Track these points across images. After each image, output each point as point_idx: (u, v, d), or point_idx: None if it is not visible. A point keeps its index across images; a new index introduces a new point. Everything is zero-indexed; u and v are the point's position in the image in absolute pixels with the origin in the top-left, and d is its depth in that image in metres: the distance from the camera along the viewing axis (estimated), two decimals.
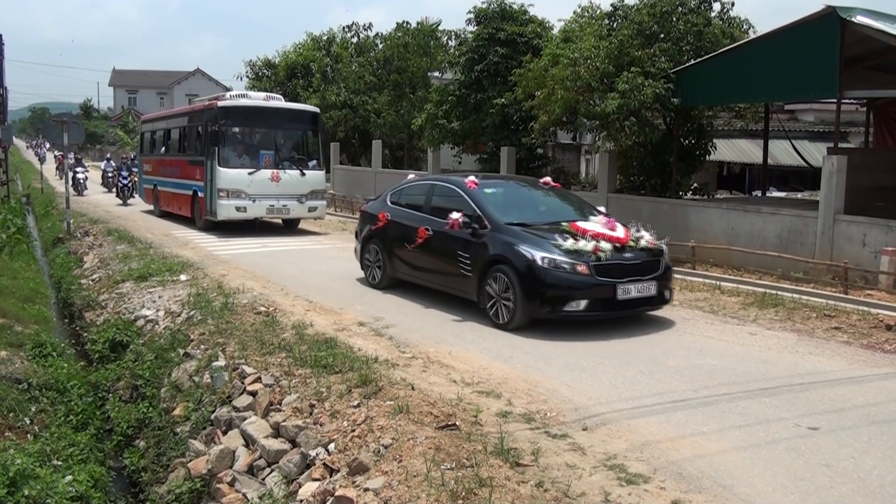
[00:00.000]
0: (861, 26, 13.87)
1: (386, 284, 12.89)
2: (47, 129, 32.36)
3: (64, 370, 10.89)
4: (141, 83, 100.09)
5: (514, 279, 10.01)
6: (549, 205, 12.03)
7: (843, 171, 14.19)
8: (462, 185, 11.75)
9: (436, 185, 12.54)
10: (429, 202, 12.23)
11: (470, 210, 11.12)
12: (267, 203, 20.41)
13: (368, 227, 13.30)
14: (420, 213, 12.17)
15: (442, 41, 33.37)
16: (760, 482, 5.52)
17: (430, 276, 11.99)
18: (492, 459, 5.79)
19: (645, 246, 10.59)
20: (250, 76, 38.58)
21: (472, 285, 10.79)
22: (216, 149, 20.00)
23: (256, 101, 21.83)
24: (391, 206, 13.00)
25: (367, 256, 13.38)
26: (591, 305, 9.90)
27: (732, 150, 28.71)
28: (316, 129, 22.03)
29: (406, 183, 13.38)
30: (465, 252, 10.87)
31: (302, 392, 7.88)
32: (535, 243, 10.14)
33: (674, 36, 18.22)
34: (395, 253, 12.55)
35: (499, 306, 10.29)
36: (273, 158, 20.69)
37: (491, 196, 11.56)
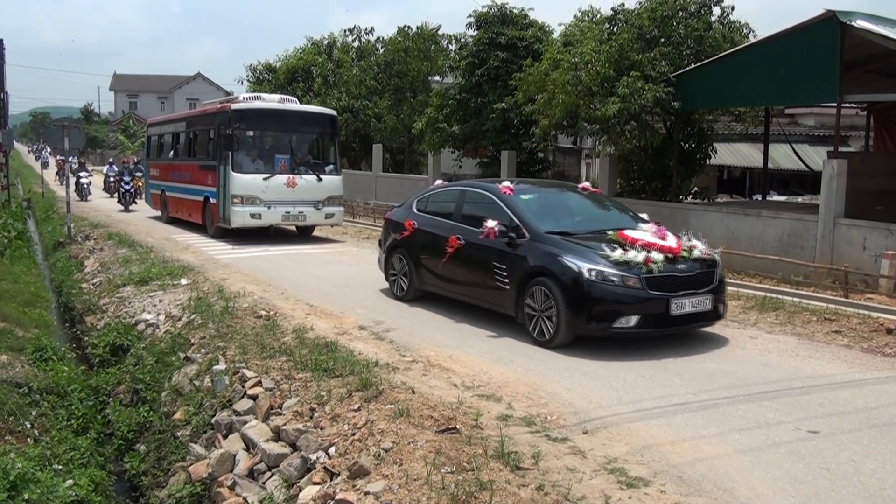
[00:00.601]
0: (861, 30, 13.88)
1: (413, 297, 12.20)
2: (48, 134, 32.41)
3: (64, 374, 10.90)
4: (142, 87, 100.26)
5: (558, 293, 9.24)
6: (590, 212, 11.34)
7: (843, 174, 14.20)
8: (496, 191, 11.02)
9: (466, 191, 11.84)
10: (459, 210, 11.50)
11: (506, 218, 10.38)
12: (282, 210, 19.60)
13: (393, 236, 12.59)
14: (449, 222, 11.46)
15: (442, 45, 33.38)
16: (761, 485, 5.52)
17: (461, 288, 11.24)
18: (492, 463, 5.79)
19: (698, 256, 9.79)
20: (251, 80, 38.58)
21: (509, 299, 10.04)
22: (230, 153, 19.19)
23: (271, 104, 21.07)
24: (418, 213, 12.32)
25: (392, 267, 12.64)
26: (643, 322, 9.09)
27: (733, 153, 28.72)
28: (333, 133, 21.39)
29: (433, 189, 12.84)
30: (501, 263, 10.12)
31: (302, 396, 7.88)
32: (581, 254, 9.37)
33: (674, 40, 18.25)
34: (423, 263, 11.87)
35: (540, 322, 9.52)
36: (289, 163, 19.90)
37: (528, 203, 10.79)
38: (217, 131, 20.25)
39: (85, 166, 39.39)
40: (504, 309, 10.27)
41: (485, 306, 10.82)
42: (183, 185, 23.20)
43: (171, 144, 25.50)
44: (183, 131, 24.39)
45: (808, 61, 14.78)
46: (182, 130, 24.50)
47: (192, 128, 23.36)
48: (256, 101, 20.90)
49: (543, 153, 26.12)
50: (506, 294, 10.08)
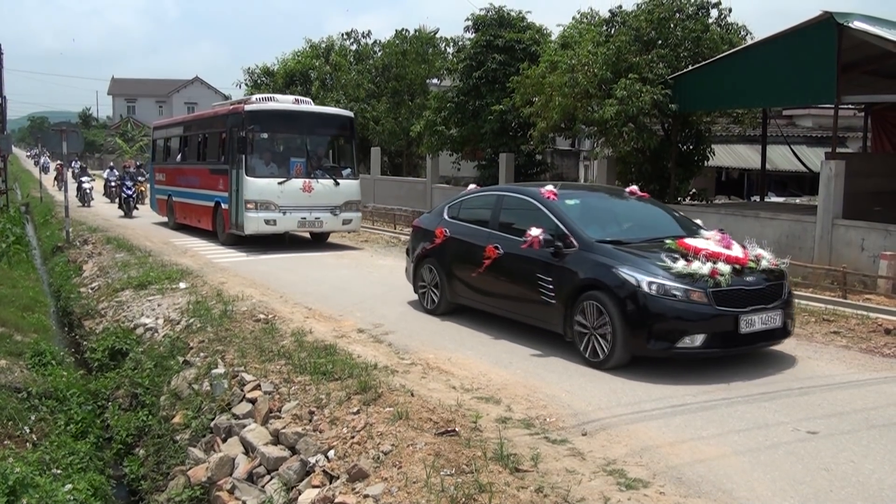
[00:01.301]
0: (858, 31, 13.90)
1: (444, 310, 11.38)
2: (46, 138, 32.39)
3: (63, 379, 10.90)
4: (140, 91, 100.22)
5: (613, 309, 8.38)
6: (640, 218, 10.46)
7: (841, 175, 14.21)
8: (538, 196, 10.04)
9: (504, 196, 10.93)
10: (496, 216, 10.60)
11: (551, 225, 9.45)
12: (298, 215, 18.70)
13: (422, 245, 11.76)
14: (486, 230, 10.57)
15: (440, 48, 33.44)
16: (760, 486, 5.52)
17: (500, 302, 10.35)
18: (491, 465, 5.79)
19: (766, 267, 8.94)
20: (248, 84, 38.58)
21: (555, 315, 9.17)
22: (243, 156, 18.31)
23: (286, 105, 20.17)
24: (449, 220, 11.48)
25: (421, 278, 11.80)
26: (709, 341, 8.22)
27: (731, 155, 28.75)
28: (350, 135, 20.42)
29: (466, 194, 11.85)
30: (546, 275, 9.24)
31: (301, 399, 7.88)
32: (638, 265, 8.50)
33: (672, 42, 18.28)
34: (456, 275, 11.03)
35: (592, 341, 8.65)
36: (304, 167, 19.00)
37: (574, 209, 9.90)
38: (229, 133, 19.40)
39: (87, 171, 38.58)
40: (550, 325, 9.39)
41: (527, 322, 9.94)
42: (192, 189, 22.33)
43: (178, 148, 24.64)
44: (192, 134, 23.59)
45: (806, 63, 14.81)
46: (191, 133, 23.69)
47: (202, 130, 22.56)
48: (270, 103, 20.10)
49: (541, 155, 26.16)
50: (552, 309, 9.21)
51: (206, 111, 24.76)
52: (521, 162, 24.11)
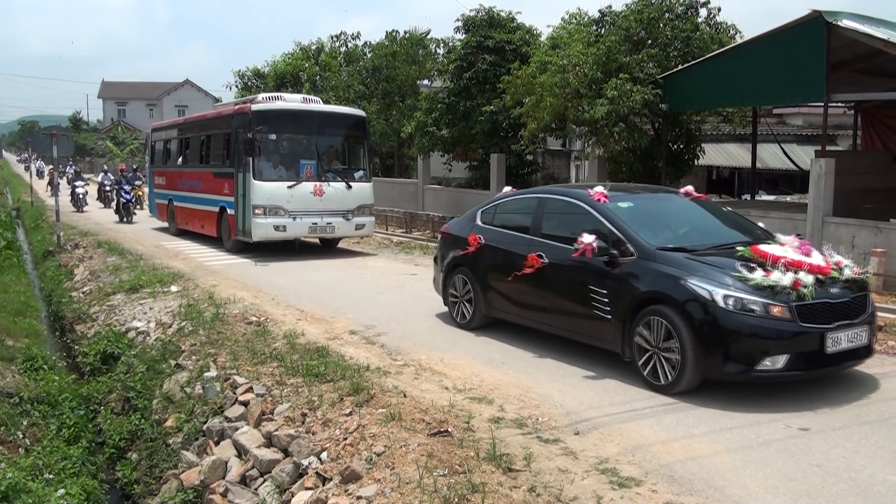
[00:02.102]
0: (847, 30, 13.96)
1: (478, 324, 10.48)
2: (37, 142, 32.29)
3: (55, 383, 10.87)
4: (130, 95, 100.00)
5: (682, 326, 7.45)
6: (701, 222, 9.50)
7: (831, 173, 14.26)
8: (587, 198, 9.09)
9: (546, 199, 9.94)
10: (538, 222, 9.69)
11: (604, 231, 8.52)
12: (309, 221, 17.80)
13: (453, 253, 10.86)
14: (526, 236, 9.68)
15: (430, 49, 33.46)
16: (752, 483, 5.54)
17: (544, 316, 9.41)
18: (484, 465, 5.80)
19: (849, 276, 7.98)
20: (239, 87, 38.55)
21: (611, 332, 8.26)
22: (250, 159, 17.40)
23: (295, 104, 19.25)
24: (484, 226, 10.57)
25: (452, 289, 10.89)
26: (793, 362, 7.28)
27: (721, 154, 28.81)
28: (362, 135, 19.49)
29: (501, 198, 10.95)
30: (599, 287, 8.34)
31: (294, 401, 7.87)
32: (711, 276, 7.57)
33: (661, 42, 18.33)
34: (493, 286, 10.12)
35: (656, 362, 7.76)
36: (315, 169, 18.03)
37: (628, 212, 8.92)
38: (235, 135, 18.47)
39: (81, 175, 37.80)
40: (604, 343, 8.50)
41: (577, 339, 9.00)
42: (194, 194, 21.40)
43: (179, 150, 23.69)
44: (193, 135, 22.62)
45: (795, 61, 14.86)
46: (192, 135, 22.75)
47: (205, 131, 21.60)
48: (278, 102, 19.16)
49: (532, 156, 26.20)
50: (607, 325, 8.29)
51: (209, 112, 23.91)
52: (512, 162, 24.14)
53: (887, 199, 16.86)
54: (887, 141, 20.51)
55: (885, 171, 18.66)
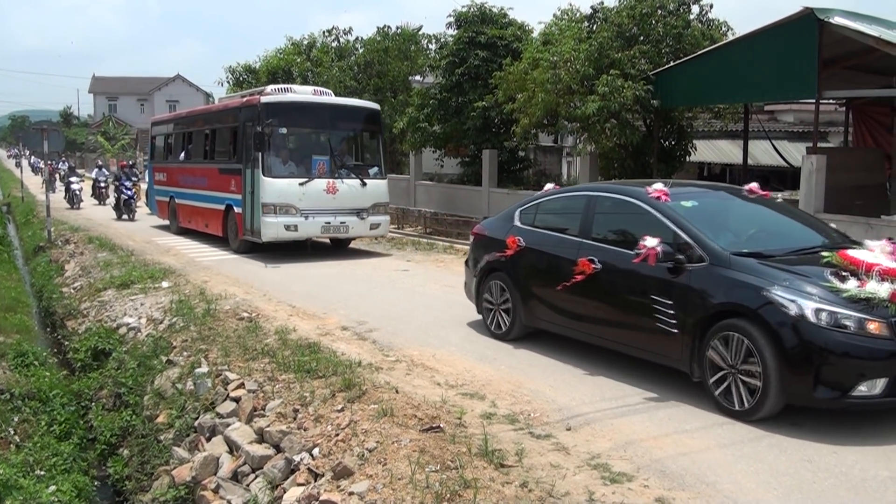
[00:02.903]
0: (839, 27, 13.98)
1: (518, 335, 9.61)
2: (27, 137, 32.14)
3: (46, 379, 10.85)
4: (121, 90, 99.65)
5: (765, 344, 6.56)
6: (773, 223, 8.65)
7: (822, 170, 14.29)
8: (646, 197, 8.19)
9: (597, 197, 9.01)
10: (588, 223, 8.80)
11: (667, 234, 7.64)
12: (321, 220, 16.90)
13: (488, 257, 10.00)
14: (574, 238, 8.79)
15: (422, 45, 33.40)
16: (743, 479, 5.56)
17: (597, 329, 8.52)
18: (476, 461, 5.80)
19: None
20: (231, 82, 38.43)
21: (678, 348, 7.39)
22: (260, 154, 16.52)
23: (306, 96, 18.46)
24: (523, 227, 9.69)
25: (487, 296, 10.01)
26: (892, 387, 6.39)
27: (713, 150, 28.85)
28: (377, 129, 18.72)
29: (543, 196, 10.02)
30: (663, 297, 7.47)
31: (286, 397, 7.86)
32: (796, 286, 6.68)
33: (653, 38, 18.33)
34: (535, 293, 9.25)
35: (733, 384, 6.86)
36: (328, 165, 17.17)
37: (693, 212, 7.98)
38: (242, 129, 17.60)
39: (76, 171, 36.47)
40: (669, 360, 7.66)
41: (636, 355, 8.14)
42: (198, 191, 20.40)
43: (181, 145, 22.75)
44: (197, 129, 21.73)
45: (787, 58, 14.87)
46: (196, 129, 21.86)
47: (210, 125, 20.66)
48: (289, 94, 18.33)
49: (524, 152, 26.17)
50: (673, 340, 7.42)
51: (214, 104, 22.83)
52: (504, 158, 24.13)
53: (877, 195, 16.90)
54: (878, 138, 20.53)
55: (876, 167, 18.69)
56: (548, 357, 8.93)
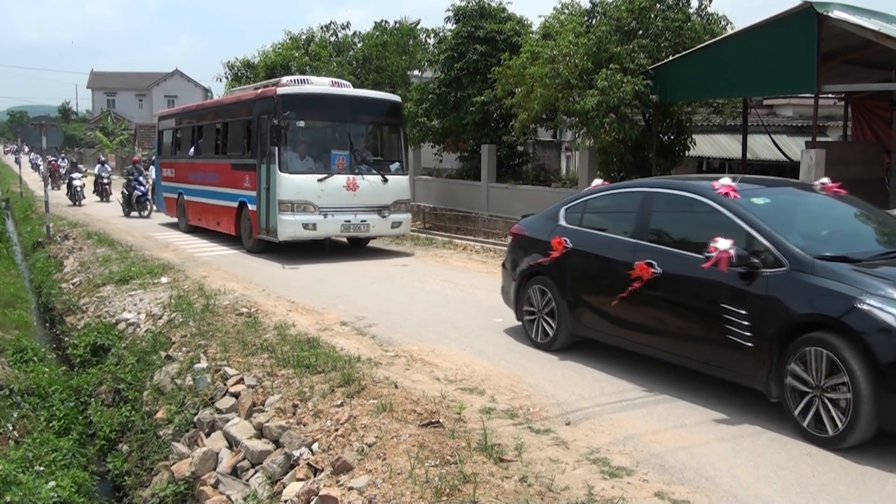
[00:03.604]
0: (838, 21, 13.96)
1: (563, 344, 8.83)
2: (26, 133, 32.07)
3: (45, 375, 10.86)
4: (119, 85, 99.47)
5: (855, 360, 5.84)
6: (855, 223, 7.95)
7: (821, 164, 14.28)
8: (712, 192, 7.41)
9: (655, 194, 8.22)
10: (643, 222, 8.03)
11: (739, 235, 6.85)
12: (341, 218, 16.11)
13: (529, 259, 9.21)
14: (629, 240, 8.02)
15: (421, 40, 33.35)
16: (743, 473, 5.56)
17: (656, 340, 7.70)
18: (475, 455, 5.80)
19: None
20: (229, 77, 38.37)
21: (752, 364, 6.60)
22: (277, 149, 15.73)
23: (324, 88, 17.61)
24: (570, 227, 8.88)
25: (528, 302, 9.22)
26: None
27: (712, 145, 28.83)
28: (398, 123, 17.95)
29: (590, 193, 9.20)
30: (736, 306, 6.67)
31: (285, 392, 7.86)
32: (891, 295, 5.95)
33: (652, 32, 18.29)
34: (584, 299, 8.49)
35: (818, 406, 6.13)
36: (347, 160, 16.38)
37: (766, 210, 7.19)
38: (257, 122, 16.85)
39: (78, 166, 35.69)
40: (742, 378, 6.86)
41: (703, 371, 7.33)
42: (209, 187, 19.66)
43: (190, 139, 21.91)
44: (208, 123, 20.90)
45: (786, 52, 14.85)
46: (207, 122, 21.01)
47: (222, 119, 19.81)
48: (306, 86, 17.55)
49: (523, 147, 26.15)
50: (746, 356, 6.62)
51: (226, 97, 21.88)
52: (503, 153, 24.11)
53: (877, 189, 16.89)
54: (878, 132, 20.54)
55: (875, 161, 18.70)
56: (547, 353, 8.90)
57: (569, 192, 20.07)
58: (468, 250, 18.47)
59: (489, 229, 21.26)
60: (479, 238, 20.43)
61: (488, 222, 21.66)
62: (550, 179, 26.65)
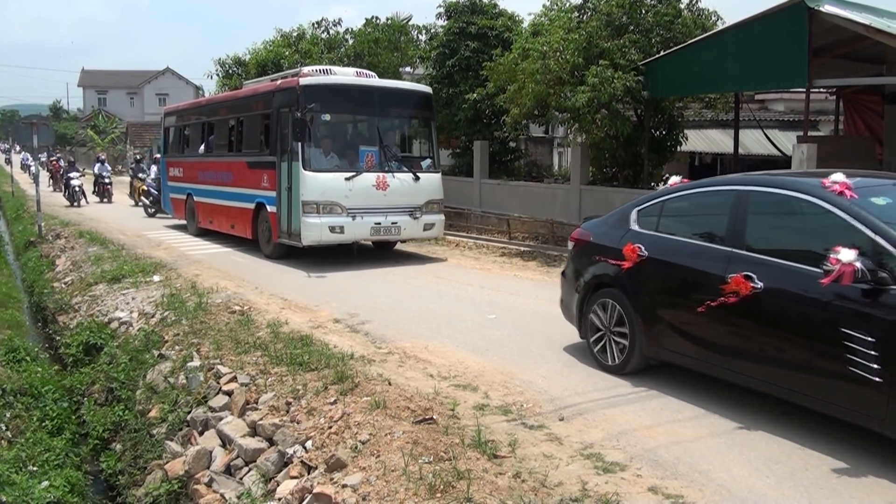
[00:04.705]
0: (829, 15, 13.97)
1: (637, 367, 7.72)
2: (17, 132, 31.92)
3: (38, 375, 10.84)
4: (110, 83, 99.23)
5: None
6: None
7: (813, 158, 14.30)
8: (822, 191, 6.27)
9: (752, 193, 6.92)
10: (739, 226, 6.81)
11: (862, 243, 5.76)
12: (371, 220, 14.81)
13: (595, 269, 8.10)
14: (720, 248, 6.84)
15: (412, 36, 33.32)
16: (736, 467, 5.57)
17: (756, 369, 6.46)
18: (469, 452, 5.80)
19: None
20: (220, 74, 38.26)
21: (880, 403, 5.51)
22: (300, 145, 14.44)
23: (350, 78, 16.27)
24: (644, 232, 7.75)
25: (595, 318, 8.05)
26: None
27: (704, 140, 28.87)
28: (429, 116, 16.72)
29: (669, 193, 7.98)
30: (860, 331, 5.56)
31: (278, 390, 7.85)
32: None
33: (643, 28, 18.29)
34: (663, 317, 7.36)
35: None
36: (377, 157, 15.17)
37: (890, 212, 6.06)
38: (276, 116, 15.70)
39: (75, 165, 34.12)
40: (865, 419, 5.73)
41: (814, 407, 6.18)
42: (222, 188, 18.42)
43: (200, 136, 20.69)
44: (220, 119, 19.62)
45: (777, 47, 14.86)
46: (218, 118, 19.73)
47: (235, 114, 18.50)
48: (331, 76, 16.16)
49: (515, 143, 26.16)
50: (873, 392, 5.51)
51: (240, 91, 20.32)
52: (495, 149, 24.12)
53: None
54: (872, 124, 20.59)
55: (867, 155, 18.73)
56: (539, 348, 8.90)
57: (561, 188, 20.17)
58: (461, 247, 18.49)
59: (482, 225, 21.26)
60: (471, 234, 20.41)
61: (481, 218, 21.66)
62: (543, 175, 26.68)
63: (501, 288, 12.77)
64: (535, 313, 10.67)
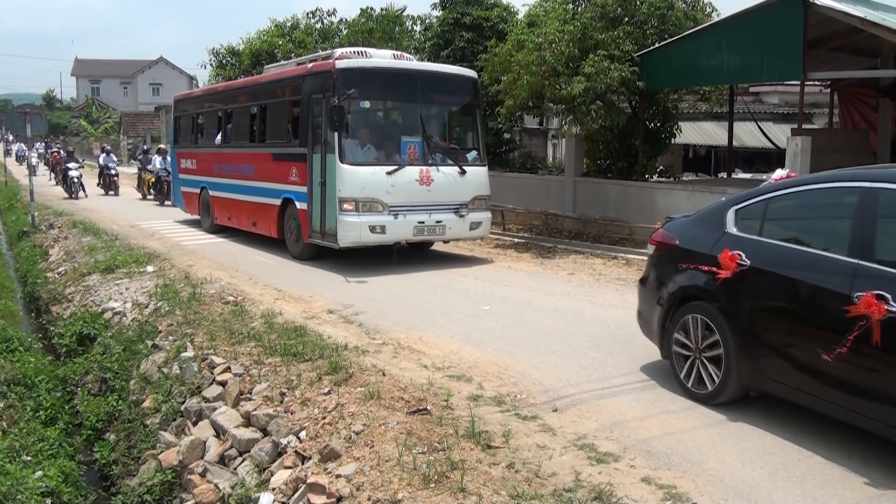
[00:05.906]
0: (824, 7, 13.98)
1: (732, 397, 6.52)
2: (10, 121, 31.78)
3: (31, 365, 10.82)
4: (104, 73, 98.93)
5: None
6: None
7: (807, 151, 14.32)
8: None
9: (882, 191, 5.56)
10: (867, 233, 5.55)
11: None
12: (414, 219, 13.42)
13: (683, 278, 6.95)
14: (842, 258, 5.61)
15: (407, 27, 33.25)
16: (729, 457, 5.59)
17: (885, 412, 5.24)
18: (463, 442, 5.81)
19: None
20: (214, 64, 38.14)
21: None
22: (336, 135, 13.02)
23: (390, 61, 14.96)
24: (745, 237, 6.54)
25: (682, 336, 6.89)
26: None
27: (698, 132, 28.91)
28: (475, 104, 15.28)
29: (777, 189, 6.69)
30: None
31: (272, 381, 7.85)
32: None
33: (638, 19, 18.28)
34: (767, 339, 6.13)
35: None
36: (420, 149, 13.73)
37: None
38: (307, 103, 14.27)
39: (74, 156, 32.53)
40: None
41: None
42: (242, 181, 17.04)
43: (217, 125, 19.37)
44: (239, 107, 18.08)
45: (772, 39, 14.87)
46: (238, 105, 18.20)
47: (258, 101, 17.01)
48: (369, 59, 14.69)
49: (510, 134, 26.15)
50: None
51: (264, 75, 18.51)
52: (489, 140, 24.09)
53: None
54: (867, 115, 20.62)
55: (861, 148, 18.77)
56: (534, 339, 8.90)
57: (555, 180, 20.18)
58: None
59: None
60: None
61: None
62: (537, 167, 26.70)
63: (496, 279, 12.77)
64: (529, 304, 10.68)
